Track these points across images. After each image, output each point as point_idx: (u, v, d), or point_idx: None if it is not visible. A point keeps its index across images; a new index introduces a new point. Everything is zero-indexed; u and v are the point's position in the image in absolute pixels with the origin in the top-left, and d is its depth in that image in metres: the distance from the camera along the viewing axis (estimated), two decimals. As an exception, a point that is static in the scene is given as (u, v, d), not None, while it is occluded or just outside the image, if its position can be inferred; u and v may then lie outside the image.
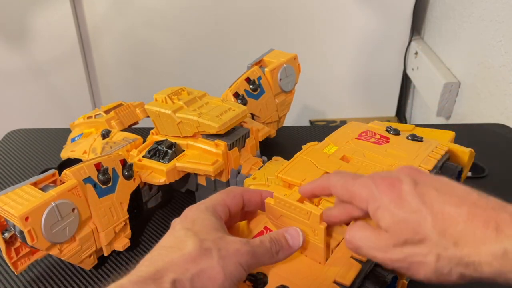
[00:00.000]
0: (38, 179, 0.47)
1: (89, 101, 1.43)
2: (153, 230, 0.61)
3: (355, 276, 0.36)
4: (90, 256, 0.51)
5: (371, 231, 0.33)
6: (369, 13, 1.31)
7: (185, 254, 0.31)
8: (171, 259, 0.31)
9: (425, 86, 1.26)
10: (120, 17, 1.32)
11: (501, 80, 0.94)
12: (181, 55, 1.38)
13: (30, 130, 0.85)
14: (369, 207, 0.33)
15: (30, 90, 1.38)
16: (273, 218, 0.39)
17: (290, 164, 0.50)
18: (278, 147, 0.77)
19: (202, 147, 0.58)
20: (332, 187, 0.36)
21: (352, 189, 0.35)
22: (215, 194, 0.38)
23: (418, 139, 0.54)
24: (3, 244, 0.47)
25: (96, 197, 0.49)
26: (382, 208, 0.32)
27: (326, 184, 0.37)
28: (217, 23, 1.34)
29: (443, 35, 1.22)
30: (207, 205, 0.36)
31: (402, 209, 0.31)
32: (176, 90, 0.60)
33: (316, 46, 1.37)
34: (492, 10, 0.97)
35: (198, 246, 0.31)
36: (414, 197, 0.31)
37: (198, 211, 0.36)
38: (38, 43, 1.31)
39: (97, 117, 0.69)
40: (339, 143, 0.54)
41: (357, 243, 0.34)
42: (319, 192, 0.39)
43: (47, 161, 0.76)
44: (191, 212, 0.36)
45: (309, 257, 0.38)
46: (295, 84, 0.74)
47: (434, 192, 0.31)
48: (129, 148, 0.61)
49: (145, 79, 1.42)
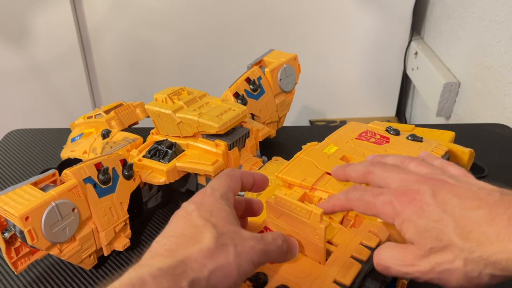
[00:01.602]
0: (38, 179, 0.47)
1: (89, 101, 1.43)
2: (153, 230, 0.61)
3: (355, 275, 0.36)
4: (90, 256, 0.51)
5: (398, 248, 0.34)
6: (369, 13, 1.31)
7: (203, 249, 0.30)
8: (190, 253, 0.30)
9: (425, 86, 1.26)
10: (120, 17, 1.32)
11: (501, 80, 0.94)
12: (181, 55, 1.38)
13: (30, 130, 0.85)
14: (395, 222, 0.34)
15: (30, 90, 1.38)
16: (273, 217, 0.39)
17: (290, 164, 0.50)
18: (278, 147, 0.77)
19: (202, 147, 0.58)
20: (353, 206, 0.38)
21: (375, 208, 0.36)
22: (221, 178, 0.37)
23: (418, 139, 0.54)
24: (3, 244, 0.47)
25: (96, 197, 0.49)
26: (406, 221, 0.33)
27: (346, 204, 0.38)
28: (217, 23, 1.34)
29: (443, 35, 1.22)
30: (221, 193, 0.36)
31: (424, 219, 0.32)
32: (176, 90, 0.60)
33: (316, 46, 1.37)
34: (492, 10, 0.97)
35: (216, 240, 0.31)
36: (435, 207, 0.32)
37: (215, 200, 0.35)
38: (38, 43, 1.31)
39: (97, 117, 0.69)
40: (339, 143, 0.54)
41: (385, 264, 0.34)
42: (340, 210, 0.40)
43: (47, 161, 0.76)
44: (208, 200, 0.35)
45: (309, 257, 0.38)
46: (295, 84, 0.74)
47: (454, 199, 0.32)
48: (129, 148, 0.61)
49: (145, 79, 1.42)
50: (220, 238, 0.31)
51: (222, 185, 0.36)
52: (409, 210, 0.33)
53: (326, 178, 0.47)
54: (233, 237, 0.32)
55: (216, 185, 0.36)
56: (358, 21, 1.33)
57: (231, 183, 0.37)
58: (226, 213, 0.34)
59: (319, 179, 0.47)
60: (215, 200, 0.35)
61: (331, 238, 0.41)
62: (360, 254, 0.38)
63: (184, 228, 0.32)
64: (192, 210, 0.34)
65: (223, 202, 0.35)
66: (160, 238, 0.32)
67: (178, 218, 0.34)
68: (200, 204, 0.34)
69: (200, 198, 0.35)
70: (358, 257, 0.38)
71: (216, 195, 0.35)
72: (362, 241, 0.39)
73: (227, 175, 0.38)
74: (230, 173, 0.38)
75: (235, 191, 0.37)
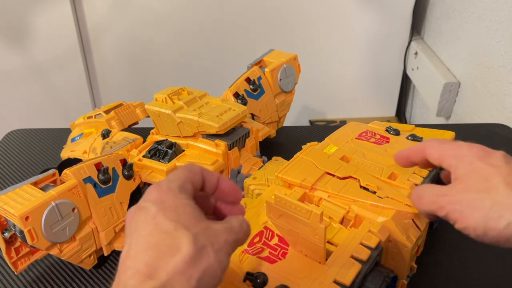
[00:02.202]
0: (38, 178, 0.47)
1: (89, 101, 1.43)
2: (153, 230, 0.61)
3: (355, 275, 0.36)
4: (90, 256, 0.51)
5: (436, 185, 0.36)
6: (369, 13, 1.31)
7: (185, 257, 0.29)
8: (173, 266, 0.29)
9: (425, 86, 1.26)
10: (120, 17, 1.32)
11: (501, 80, 0.94)
12: (181, 55, 1.38)
13: (30, 130, 0.85)
14: (453, 162, 0.36)
15: (30, 90, 1.38)
16: (273, 217, 0.39)
17: (290, 164, 0.50)
18: (278, 147, 0.77)
19: (202, 147, 0.58)
20: (428, 147, 0.40)
21: (446, 148, 0.38)
22: (177, 171, 0.35)
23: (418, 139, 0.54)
24: (3, 243, 0.47)
25: (96, 197, 0.49)
26: (465, 162, 0.35)
27: (422, 147, 0.40)
28: (217, 23, 1.34)
29: (443, 35, 1.22)
30: (178, 185, 0.33)
31: (483, 162, 0.35)
32: (176, 90, 0.60)
33: (316, 46, 1.37)
34: (492, 10, 0.97)
35: (193, 244, 0.30)
36: (500, 158, 0.35)
37: (174, 196, 0.32)
38: (38, 43, 1.31)
39: (97, 117, 0.69)
40: (339, 143, 0.54)
41: (421, 192, 0.37)
42: (413, 156, 0.42)
43: (47, 161, 0.76)
44: (167, 197, 0.32)
45: (309, 257, 0.38)
46: (295, 84, 0.74)
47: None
48: (129, 148, 0.61)
49: (145, 79, 1.42)
50: (196, 240, 0.30)
51: (178, 176, 0.34)
52: (474, 153, 0.36)
53: (326, 178, 0.47)
54: (208, 235, 0.31)
55: (172, 177, 0.34)
56: (358, 21, 1.33)
57: (190, 175, 0.34)
58: (192, 208, 0.32)
59: (319, 179, 0.47)
60: (174, 196, 0.32)
61: (331, 238, 0.41)
62: (360, 254, 0.38)
63: (155, 235, 0.30)
64: (155, 212, 0.31)
65: (183, 196, 0.32)
66: (133, 252, 0.30)
67: (143, 223, 0.31)
68: (161, 203, 0.31)
69: (158, 196, 0.32)
70: (358, 257, 0.38)
71: (173, 189, 0.32)
72: (362, 241, 0.39)
73: (185, 168, 0.35)
74: (188, 166, 0.36)
75: (195, 184, 0.34)
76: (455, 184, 0.35)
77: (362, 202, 0.44)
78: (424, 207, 0.37)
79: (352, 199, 0.44)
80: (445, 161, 0.38)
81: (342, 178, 0.47)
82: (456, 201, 0.34)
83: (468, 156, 0.36)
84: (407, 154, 0.42)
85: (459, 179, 0.35)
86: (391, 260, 0.43)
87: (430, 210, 0.36)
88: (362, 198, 0.44)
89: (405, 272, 0.44)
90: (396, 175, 0.47)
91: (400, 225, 0.41)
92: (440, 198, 0.35)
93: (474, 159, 0.35)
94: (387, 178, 0.47)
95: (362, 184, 0.46)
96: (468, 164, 0.35)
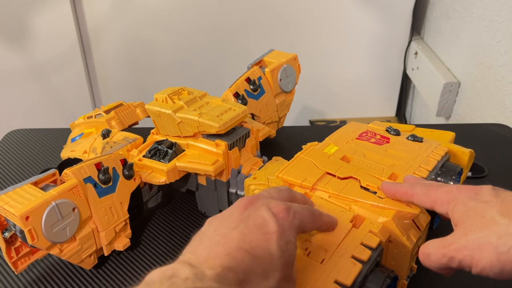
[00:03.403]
0: (39, 178, 0.47)
1: (89, 101, 1.43)
2: (153, 230, 0.61)
3: (356, 276, 0.36)
4: (90, 256, 0.51)
5: (439, 239, 0.36)
6: (369, 13, 1.31)
7: None
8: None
9: (425, 86, 1.26)
10: (120, 17, 1.32)
11: (501, 80, 0.94)
12: (181, 55, 1.38)
13: (30, 130, 0.84)
14: (449, 207, 0.36)
15: (30, 90, 1.38)
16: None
17: (290, 164, 0.50)
18: (278, 147, 0.77)
19: (202, 147, 0.58)
20: (415, 194, 0.40)
21: (435, 195, 0.38)
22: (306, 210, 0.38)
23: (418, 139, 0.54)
24: (3, 243, 0.47)
25: (96, 197, 0.49)
26: (459, 203, 0.36)
27: (410, 192, 0.40)
28: (217, 23, 1.34)
29: (443, 35, 1.22)
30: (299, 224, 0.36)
31: (475, 201, 0.35)
32: (177, 90, 0.60)
33: (316, 46, 1.37)
34: (492, 10, 0.97)
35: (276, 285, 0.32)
36: (489, 193, 0.35)
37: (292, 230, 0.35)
38: (38, 43, 1.31)
39: (97, 117, 0.69)
40: (339, 143, 0.54)
41: (427, 251, 0.36)
42: (400, 196, 0.42)
43: (47, 161, 0.76)
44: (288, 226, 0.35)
45: (310, 257, 0.38)
46: (295, 85, 0.74)
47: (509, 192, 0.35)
48: (129, 148, 0.61)
49: (145, 79, 1.42)
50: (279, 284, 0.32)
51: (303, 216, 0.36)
52: (465, 195, 0.36)
53: (327, 178, 0.47)
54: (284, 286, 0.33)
55: (299, 209, 0.36)
56: (358, 21, 1.33)
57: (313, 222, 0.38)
58: (293, 255, 0.34)
59: (320, 179, 0.47)
60: (292, 231, 0.34)
61: None
62: (361, 254, 0.38)
63: (261, 248, 0.32)
64: (274, 231, 0.33)
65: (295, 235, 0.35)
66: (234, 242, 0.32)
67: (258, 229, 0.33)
68: (282, 229, 0.34)
69: (282, 220, 0.34)
70: (359, 257, 0.38)
71: (295, 225, 0.35)
72: (363, 241, 0.39)
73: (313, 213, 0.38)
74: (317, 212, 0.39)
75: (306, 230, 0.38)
76: (456, 230, 0.35)
77: (362, 202, 0.44)
78: (435, 264, 0.35)
79: (352, 199, 0.44)
80: (439, 208, 0.38)
81: (343, 178, 0.47)
82: (463, 247, 0.33)
83: (460, 197, 0.36)
84: (393, 192, 0.42)
85: (459, 224, 0.35)
86: (392, 260, 0.43)
87: (442, 265, 0.35)
88: (362, 199, 0.44)
89: (405, 273, 0.44)
90: (396, 175, 0.47)
91: (401, 226, 0.41)
92: (447, 249, 0.34)
93: (466, 200, 0.35)
94: (388, 178, 0.47)
95: (362, 184, 0.46)
96: (463, 205, 0.35)
